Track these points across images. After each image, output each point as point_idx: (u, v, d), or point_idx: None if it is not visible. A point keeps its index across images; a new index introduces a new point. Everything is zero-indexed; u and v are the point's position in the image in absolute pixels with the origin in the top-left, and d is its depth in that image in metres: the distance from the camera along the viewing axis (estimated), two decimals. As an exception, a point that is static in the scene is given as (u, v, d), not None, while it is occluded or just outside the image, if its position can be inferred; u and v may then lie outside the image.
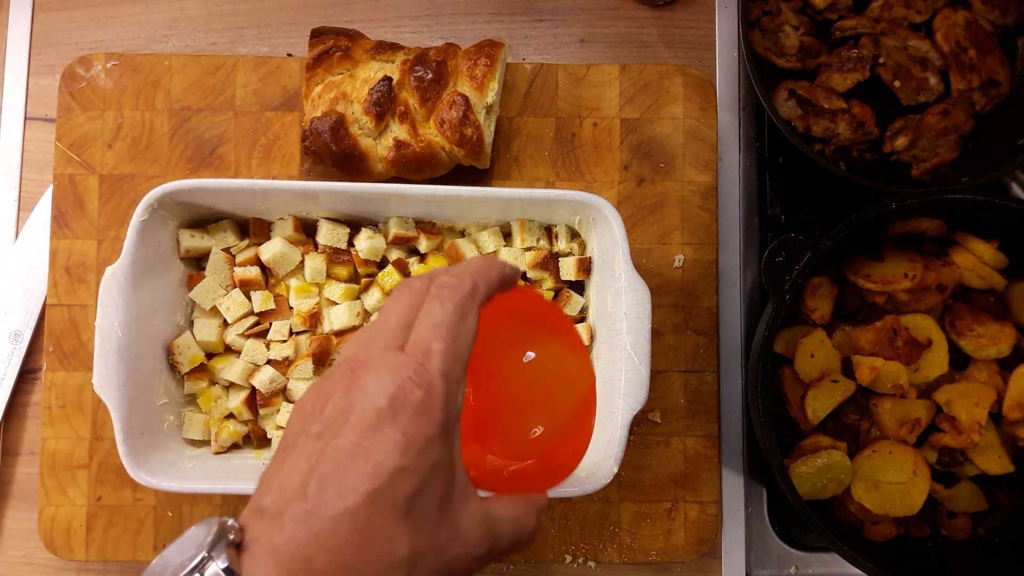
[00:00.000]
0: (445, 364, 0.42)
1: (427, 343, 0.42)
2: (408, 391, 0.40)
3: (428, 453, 0.40)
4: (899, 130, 0.85)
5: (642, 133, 0.86)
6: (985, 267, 0.78)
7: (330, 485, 0.39)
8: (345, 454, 0.39)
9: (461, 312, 0.44)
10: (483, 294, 0.46)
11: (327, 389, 0.42)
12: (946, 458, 0.77)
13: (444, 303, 0.44)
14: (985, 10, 0.85)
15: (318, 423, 0.41)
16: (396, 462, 0.39)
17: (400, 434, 0.40)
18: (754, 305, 0.87)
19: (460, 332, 0.43)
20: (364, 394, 0.41)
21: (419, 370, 0.41)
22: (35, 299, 0.83)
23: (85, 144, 0.83)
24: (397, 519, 0.39)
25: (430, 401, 0.41)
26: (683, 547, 0.82)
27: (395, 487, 0.39)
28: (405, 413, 0.40)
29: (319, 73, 0.78)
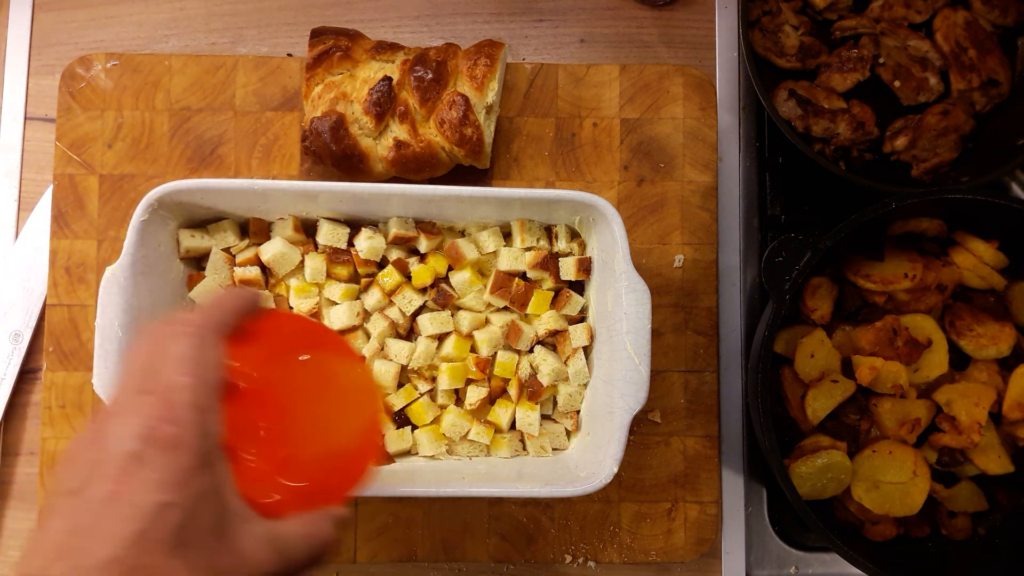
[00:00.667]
0: (192, 395, 0.42)
1: (171, 380, 0.42)
2: (157, 429, 0.40)
3: (189, 485, 0.40)
4: (899, 130, 0.85)
5: (642, 133, 0.86)
6: (985, 267, 0.78)
7: (90, 537, 0.38)
8: (101, 503, 0.39)
9: (202, 344, 0.44)
10: (221, 321, 0.46)
11: (78, 445, 0.42)
12: (946, 458, 0.77)
13: (181, 339, 0.44)
14: (985, 10, 0.85)
15: (72, 480, 0.40)
16: (156, 499, 0.39)
17: (156, 472, 0.39)
18: (754, 305, 0.87)
19: (203, 362, 0.44)
20: (114, 441, 0.40)
21: (165, 406, 0.41)
22: (35, 299, 0.83)
23: (85, 144, 0.83)
24: (169, 554, 0.39)
25: (182, 434, 0.41)
26: (683, 547, 0.82)
27: (160, 524, 0.39)
28: (157, 451, 0.40)
29: (319, 73, 0.78)
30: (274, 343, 0.52)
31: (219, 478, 0.43)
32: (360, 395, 0.55)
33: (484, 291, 0.77)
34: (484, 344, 0.76)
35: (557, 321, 0.77)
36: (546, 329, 0.77)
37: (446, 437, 0.76)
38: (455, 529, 0.81)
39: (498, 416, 0.76)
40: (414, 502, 0.81)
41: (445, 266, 0.78)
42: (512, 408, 0.77)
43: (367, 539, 0.81)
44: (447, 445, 0.77)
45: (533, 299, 0.77)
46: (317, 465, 0.52)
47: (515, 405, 0.77)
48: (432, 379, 0.77)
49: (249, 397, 0.49)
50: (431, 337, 0.77)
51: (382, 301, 0.76)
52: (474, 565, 0.82)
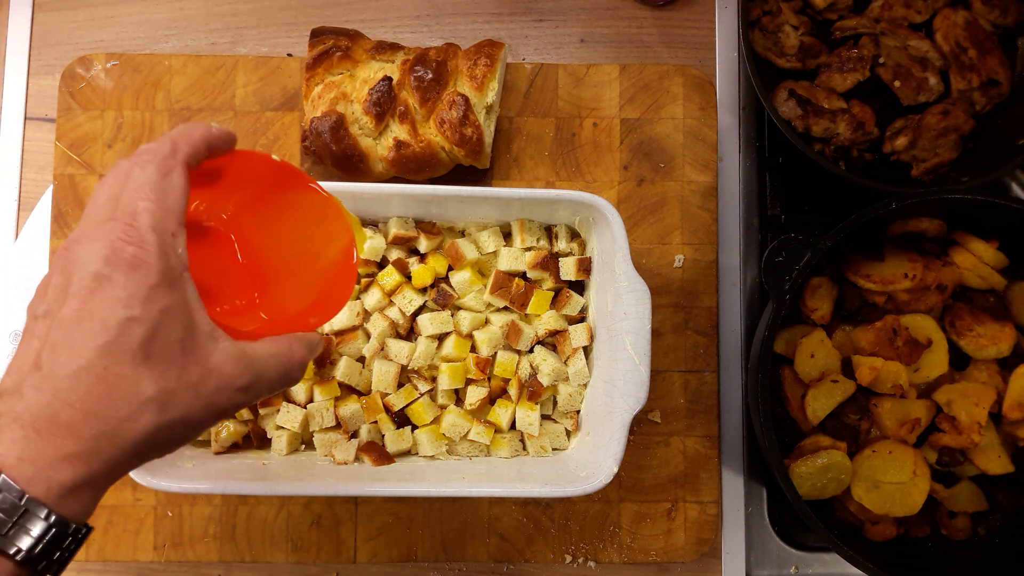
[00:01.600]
0: (154, 219, 0.44)
1: (132, 204, 0.44)
2: (119, 250, 0.42)
3: (153, 301, 0.42)
4: (899, 130, 0.85)
5: (642, 133, 0.86)
6: (985, 267, 0.78)
7: (61, 350, 0.41)
8: (71, 321, 0.42)
9: (163, 171, 0.46)
10: (186, 151, 0.47)
11: (48, 274, 0.45)
12: (946, 458, 0.77)
13: (145, 167, 0.46)
14: (985, 10, 0.85)
15: (42, 304, 0.43)
16: (121, 314, 0.41)
17: (120, 289, 0.42)
18: (754, 305, 0.87)
19: (166, 188, 0.45)
20: (79, 264, 0.43)
21: (127, 229, 0.43)
22: (35, 299, 0.83)
23: (85, 144, 0.83)
24: (136, 364, 0.42)
25: (143, 254, 0.43)
26: (683, 547, 0.82)
27: (126, 336, 0.41)
28: (120, 270, 0.42)
29: (319, 73, 0.78)
30: (243, 181, 0.54)
31: (186, 298, 0.45)
32: (331, 226, 0.56)
33: (484, 291, 0.77)
34: (484, 344, 0.76)
35: (557, 321, 0.77)
36: (546, 329, 0.77)
37: (446, 437, 0.76)
38: (455, 529, 0.81)
39: (498, 416, 0.76)
40: (414, 502, 0.81)
41: (445, 266, 0.78)
42: (512, 408, 0.77)
43: (367, 539, 0.81)
44: (447, 445, 0.77)
45: (533, 299, 0.77)
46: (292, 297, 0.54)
47: (515, 405, 0.77)
48: (432, 379, 0.77)
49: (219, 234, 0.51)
50: (431, 337, 0.77)
51: (382, 301, 0.76)
52: (474, 565, 0.82)
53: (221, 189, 0.53)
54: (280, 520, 0.81)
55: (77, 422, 0.41)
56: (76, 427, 0.41)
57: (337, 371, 0.76)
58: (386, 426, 0.76)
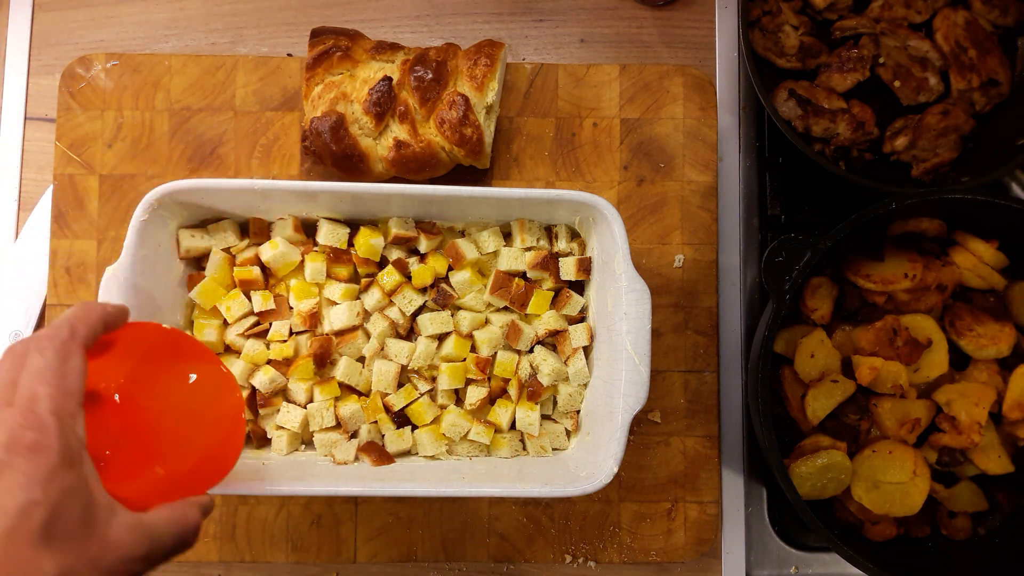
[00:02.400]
0: (54, 403, 0.45)
1: (32, 390, 0.45)
2: (19, 436, 0.43)
3: (53, 483, 0.43)
4: (899, 130, 0.85)
5: (642, 133, 0.86)
6: (985, 267, 0.78)
7: None
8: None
9: (63, 355, 0.47)
10: (84, 334, 0.49)
11: None
12: (946, 458, 0.77)
13: (43, 352, 0.47)
14: (985, 10, 0.85)
15: None
16: (22, 499, 0.42)
17: (20, 474, 0.42)
18: (754, 305, 0.87)
19: (65, 372, 0.47)
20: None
21: (27, 415, 0.44)
22: (35, 299, 0.83)
23: (85, 144, 0.83)
24: (37, 547, 0.42)
25: (44, 439, 0.44)
26: (683, 547, 0.82)
27: (27, 520, 0.42)
28: (21, 455, 0.43)
29: (319, 73, 0.78)
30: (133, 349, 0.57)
31: (84, 476, 0.46)
32: (219, 392, 0.60)
33: (484, 291, 0.77)
34: (484, 344, 0.76)
35: (557, 321, 0.77)
36: (546, 329, 0.77)
37: (446, 437, 0.76)
38: (455, 529, 0.81)
39: (498, 416, 0.76)
40: (414, 502, 0.81)
41: (445, 266, 0.78)
42: (512, 408, 0.77)
43: (367, 539, 0.81)
44: (447, 445, 0.77)
45: (533, 299, 0.77)
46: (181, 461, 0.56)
47: (515, 405, 0.77)
48: (432, 379, 0.77)
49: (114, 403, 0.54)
50: (431, 337, 0.77)
51: (382, 301, 0.76)
52: (474, 565, 0.82)
53: (112, 358, 0.55)
54: (280, 520, 0.81)
55: None
56: None
57: (337, 371, 0.76)
58: (386, 426, 0.76)
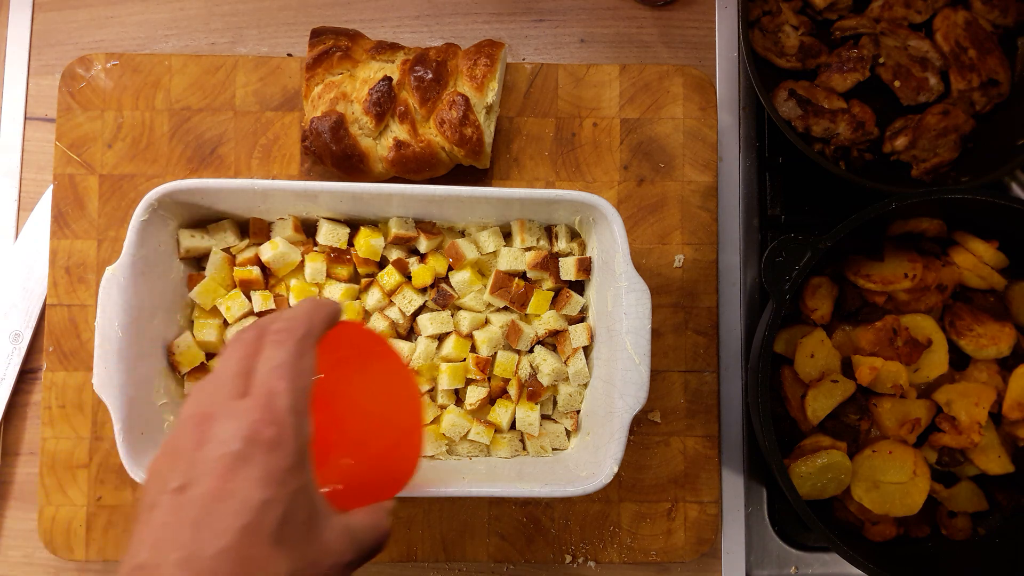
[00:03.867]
0: (290, 400, 0.45)
1: (270, 384, 0.45)
2: (259, 431, 0.43)
3: (288, 483, 0.44)
4: (899, 130, 0.85)
5: (642, 133, 0.86)
6: (985, 267, 0.78)
7: (203, 529, 0.41)
8: (211, 499, 0.42)
9: (299, 352, 0.47)
10: (316, 334, 0.49)
11: (177, 446, 0.45)
12: (946, 458, 0.77)
13: (282, 346, 0.47)
14: (985, 10, 0.85)
15: (176, 478, 0.43)
16: (260, 496, 0.42)
17: (259, 470, 0.43)
18: (754, 305, 0.87)
19: (300, 370, 0.47)
20: (217, 442, 0.43)
21: (267, 410, 0.44)
22: (35, 299, 0.83)
23: (85, 144, 0.83)
24: (271, 546, 0.42)
25: (282, 436, 0.44)
26: (683, 547, 0.82)
27: (264, 519, 0.42)
28: (260, 451, 0.43)
29: (319, 73, 0.78)
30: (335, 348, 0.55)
31: (310, 477, 0.46)
32: (406, 399, 0.60)
33: (484, 291, 0.77)
34: (484, 344, 0.76)
35: (557, 321, 0.77)
36: (546, 329, 0.77)
37: (446, 437, 0.76)
38: (455, 529, 0.81)
39: (498, 416, 0.76)
40: (414, 502, 0.81)
41: (445, 266, 0.78)
42: (512, 408, 0.77)
43: (367, 539, 0.81)
44: (447, 445, 0.77)
45: (533, 299, 0.77)
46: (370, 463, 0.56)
47: (515, 405, 0.77)
48: (432, 379, 0.77)
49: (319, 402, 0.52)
50: (431, 337, 0.77)
51: (382, 301, 0.76)
52: (474, 565, 0.82)
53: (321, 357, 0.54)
54: (280, 520, 0.81)
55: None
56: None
57: (337, 371, 0.76)
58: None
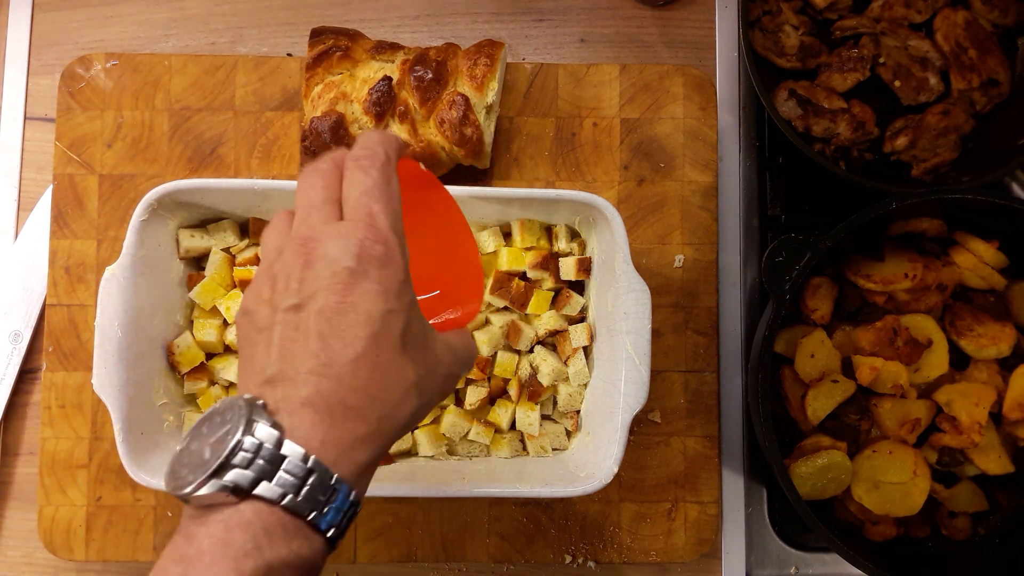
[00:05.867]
0: (389, 220, 0.46)
1: (367, 207, 0.46)
2: (369, 248, 0.45)
3: (403, 296, 0.45)
4: (899, 130, 0.85)
5: (642, 133, 0.86)
6: (985, 267, 0.78)
7: (332, 339, 0.43)
8: (333, 312, 0.43)
9: (386, 176, 0.48)
10: (394, 160, 0.50)
11: (282, 270, 0.46)
12: (946, 458, 0.77)
13: (368, 171, 0.48)
14: (985, 10, 0.85)
15: (289, 298, 0.44)
16: (382, 307, 0.44)
17: (376, 284, 0.44)
18: (754, 305, 0.87)
19: (391, 193, 0.48)
20: (329, 260, 0.44)
21: (371, 229, 0.45)
22: (35, 299, 0.83)
23: (85, 144, 0.83)
24: (398, 353, 0.45)
25: (390, 252, 0.45)
26: (683, 547, 0.81)
27: (388, 328, 0.44)
28: (373, 266, 0.44)
29: (319, 73, 0.78)
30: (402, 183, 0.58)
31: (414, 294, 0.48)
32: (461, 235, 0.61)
33: (484, 291, 0.77)
34: (484, 344, 0.76)
35: (557, 321, 0.77)
36: (546, 329, 0.77)
37: (446, 437, 0.76)
38: (455, 529, 0.81)
39: (498, 416, 0.76)
40: (414, 502, 0.81)
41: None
42: (512, 408, 0.77)
43: (367, 539, 0.81)
44: (447, 445, 0.77)
45: (533, 299, 0.77)
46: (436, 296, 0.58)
47: (515, 405, 0.77)
48: (432, 379, 0.77)
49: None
50: (431, 337, 0.77)
51: (382, 301, 0.76)
52: (474, 565, 0.82)
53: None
54: (280, 520, 0.80)
55: (364, 407, 0.43)
56: (364, 411, 0.43)
57: (337, 371, 0.76)
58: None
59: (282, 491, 0.40)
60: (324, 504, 0.41)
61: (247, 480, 0.40)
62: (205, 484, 0.40)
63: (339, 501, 0.42)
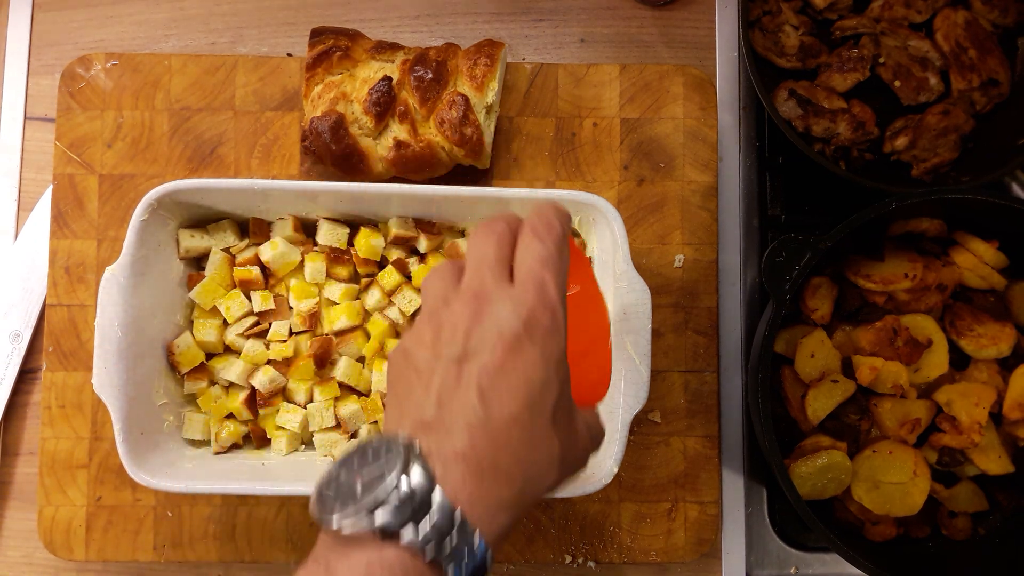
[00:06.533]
0: (558, 292, 0.47)
1: (540, 274, 0.47)
2: (538, 315, 0.45)
3: (560, 368, 0.46)
4: (899, 130, 0.85)
5: (642, 133, 0.86)
6: (985, 267, 0.78)
7: (492, 397, 0.43)
8: (496, 370, 0.44)
9: (560, 248, 0.49)
10: (567, 235, 0.51)
11: (449, 319, 0.46)
12: (946, 458, 0.77)
13: (545, 241, 0.48)
14: (985, 10, 0.85)
15: (454, 348, 0.45)
16: (542, 375, 0.44)
17: (540, 351, 0.44)
18: (754, 305, 0.87)
19: (562, 265, 0.48)
20: (498, 319, 0.45)
21: (541, 297, 0.46)
22: (35, 299, 0.83)
23: (85, 144, 0.83)
24: (549, 423, 0.45)
25: (556, 323, 0.46)
26: (683, 547, 0.81)
27: (543, 397, 0.44)
28: (539, 334, 0.45)
29: (319, 73, 0.78)
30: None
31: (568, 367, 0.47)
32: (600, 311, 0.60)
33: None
34: (484, 344, 0.76)
35: (557, 321, 0.77)
36: (546, 329, 0.77)
37: (446, 437, 0.76)
38: (455, 529, 0.81)
39: (498, 416, 0.76)
40: (414, 502, 0.81)
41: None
42: (512, 408, 0.77)
43: (367, 539, 0.81)
44: (447, 445, 0.77)
45: (533, 299, 0.77)
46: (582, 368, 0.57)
47: (515, 405, 0.77)
48: (432, 379, 0.77)
49: None
50: (431, 337, 0.77)
51: (382, 301, 0.76)
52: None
53: None
54: (280, 520, 0.81)
55: (512, 470, 0.43)
56: (512, 475, 0.43)
57: (337, 371, 0.76)
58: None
59: (425, 540, 0.40)
60: (462, 560, 0.41)
61: (396, 523, 0.40)
62: (354, 518, 0.40)
63: (477, 560, 0.42)
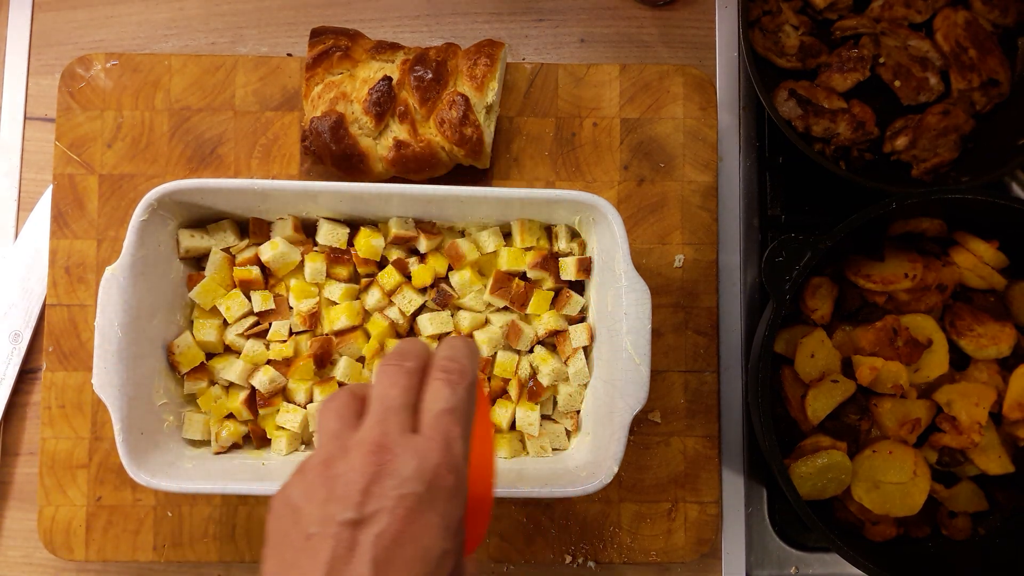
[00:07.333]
0: (464, 448, 0.44)
1: (447, 428, 0.44)
2: (442, 476, 0.42)
3: (458, 535, 0.43)
4: (899, 130, 0.85)
5: (642, 133, 0.86)
6: (985, 267, 0.78)
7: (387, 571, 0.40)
8: (392, 540, 0.41)
9: (471, 397, 0.46)
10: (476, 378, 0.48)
11: (345, 475, 0.42)
12: (946, 458, 0.77)
13: (455, 388, 0.45)
14: (985, 10, 0.85)
15: (348, 510, 0.41)
16: (441, 545, 0.41)
17: (440, 518, 0.42)
18: (754, 305, 0.87)
19: (469, 416, 0.45)
20: (399, 480, 0.42)
21: (446, 455, 0.43)
22: (35, 299, 0.83)
23: (85, 144, 0.83)
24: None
25: (459, 485, 0.43)
26: (683, 547, 0.81)
27: (440, 569, 0.42)
28: (441, 498, 0.42)
29: (319, 73, 0.78)
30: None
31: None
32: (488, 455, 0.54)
33: (484, 291, 0.77)
34: (484, 344, 0.76)
35: (557, 321, 0.77)
36: (546, 329, 0.77)
37: (446, 437, 0.76)
38: (455, 529, 0.81)
39: (498, 416, 0.76)
40: (414, 502, 0.81)
41: (445, 266, 0.78)
42: (512, 408, 0.77)
43: (367, 539, 0.81)
44: (447, 445, 0.77)
45: (533, 299, 0.77)
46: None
47: (515, 405, 0.77)
48: (432, 379, 0.77)
49: None
50: (431, 337, 0.77)
51: (382, 301, 0.76)
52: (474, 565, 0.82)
53: None
54: (280, 520, 0.80)
55: None
56: None
57: (337, 371, 0.76)
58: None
59: None
60: None
61: None
62: None
63: None
